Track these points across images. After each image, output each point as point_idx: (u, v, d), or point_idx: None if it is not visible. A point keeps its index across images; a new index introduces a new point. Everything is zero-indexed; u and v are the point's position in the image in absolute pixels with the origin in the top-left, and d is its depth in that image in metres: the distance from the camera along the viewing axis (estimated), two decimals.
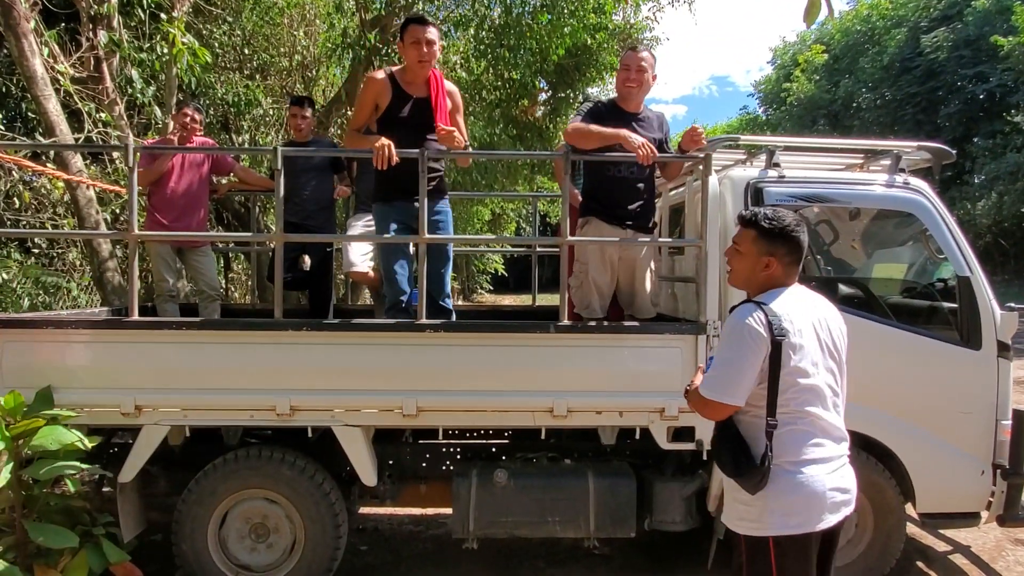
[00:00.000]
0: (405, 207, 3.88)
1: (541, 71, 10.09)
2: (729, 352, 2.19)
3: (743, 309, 2.22)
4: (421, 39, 3.71)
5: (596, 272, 3.86)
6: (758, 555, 2.21)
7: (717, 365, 2.22)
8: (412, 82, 3.84)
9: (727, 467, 2.22)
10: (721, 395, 2.18)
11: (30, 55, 5.66)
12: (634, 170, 3.80)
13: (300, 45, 10.31)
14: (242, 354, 3.53)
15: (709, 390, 2.20)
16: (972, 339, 3.71)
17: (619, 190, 3.83)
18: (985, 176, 23.95)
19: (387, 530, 4.88)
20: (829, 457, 2.21)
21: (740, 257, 2.33)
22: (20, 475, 3.21)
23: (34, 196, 7.12)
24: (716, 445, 2.28)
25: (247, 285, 9.80)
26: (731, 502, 2.32)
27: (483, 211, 18.15)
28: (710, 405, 2.22)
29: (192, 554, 3.58)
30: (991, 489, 3.75)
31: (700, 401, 2.24)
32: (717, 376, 2.20)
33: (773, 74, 38.37)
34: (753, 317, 2.16)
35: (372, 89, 3.84)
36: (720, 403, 2.18)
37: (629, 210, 3.84)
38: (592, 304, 3.90)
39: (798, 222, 2.28)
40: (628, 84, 3.83)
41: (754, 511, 2.21)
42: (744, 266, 2.33)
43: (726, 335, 2.24)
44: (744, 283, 2.37)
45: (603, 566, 4.27)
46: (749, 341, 2.14)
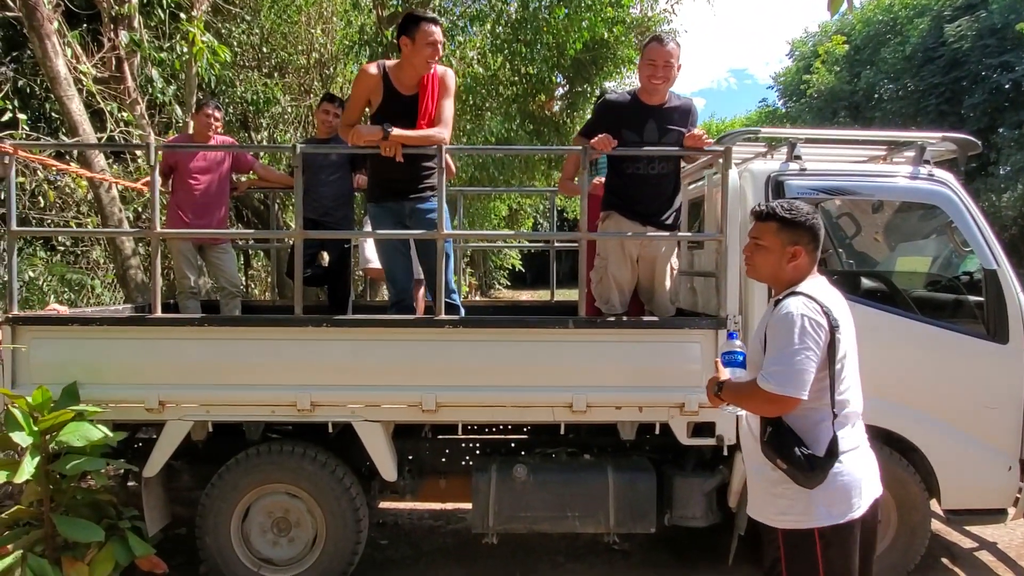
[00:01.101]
0: (396, 207, 3.89)
1: (558, 65, 10.05)
2: (793, 344, 2.13)
3: (796, 301, 2.18)
4: (436, 40, 3.64)
5: (615, 267, 3.83)
6: (802, 548, 2.21)
7: (781, 359, 2.14)
8: (407, 82, 3.74)
9: (794, 461, 2.14)
10: (791, 389, 2.11)
11: (53, 56, 5.74)
12: (654, 167, 3.74)
13: (318, 43, 10.36)
14: (263, 350, 3.56)
15: (777, 385, 2.12)
16: (999, 333, 3.65)
17: (639, 187, 3.77)
18: (1011, 167, 23.46)
19: (407, 524, 4.91)
20: (860, 444, 2.28)
21: (764, 251, 2.31)
22: (48, 470, 3.27)
23: (58, 195, 7.23)
24: (775, 441, 2.19)
25: (267, 282, 9.89)
26: (768, 497, 2.28)
27: (500, 207, 18.13)
28: (776, 400, 2.14)
29: (215, 547, 3.62)
30: (1018, 485, 3.69)
31: (761, 396, 2.16)
32: (783, 371, 2.12)
33: (792, 66, 37.88)
34: (810, 308, 2.16)
35: (366, 84, 3.76)
36: (789, 397, 2.12)
37: (649, 207, 3.79)
38: (612, 299, 3.88)
39: (814, 211, 2.31)
40: (654, 81, 3.64)
41: (799, 505, 2.20)
42: (770, 260, 2.30)
43: (784, 328, 2.15)
44: (771, 277, 2.35)
45: (623, 562, 4.26)
46: (812, 332, 2.13)
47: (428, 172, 3.88)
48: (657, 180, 3.77)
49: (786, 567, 2.24)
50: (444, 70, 3.84)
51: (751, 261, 2.38)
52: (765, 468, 2.27)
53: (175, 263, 4.96)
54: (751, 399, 2.23)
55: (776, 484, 2.24)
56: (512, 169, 10.62)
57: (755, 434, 2.31)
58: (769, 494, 2.28)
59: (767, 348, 2.21)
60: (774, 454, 2.18)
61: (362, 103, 3.83)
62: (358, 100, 3.83)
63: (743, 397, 2.26)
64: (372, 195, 4.03)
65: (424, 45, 3.63)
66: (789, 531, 2.23)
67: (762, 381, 2.15)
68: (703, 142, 3.60)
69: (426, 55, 3.66)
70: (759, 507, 2.33)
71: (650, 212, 3.79)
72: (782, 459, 2.17)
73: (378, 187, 3.96)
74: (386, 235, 3.98)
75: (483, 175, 9.92)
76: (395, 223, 3.93)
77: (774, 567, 2.28)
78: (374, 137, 3.56)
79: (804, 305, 2.16)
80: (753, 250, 2.36)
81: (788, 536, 2.23)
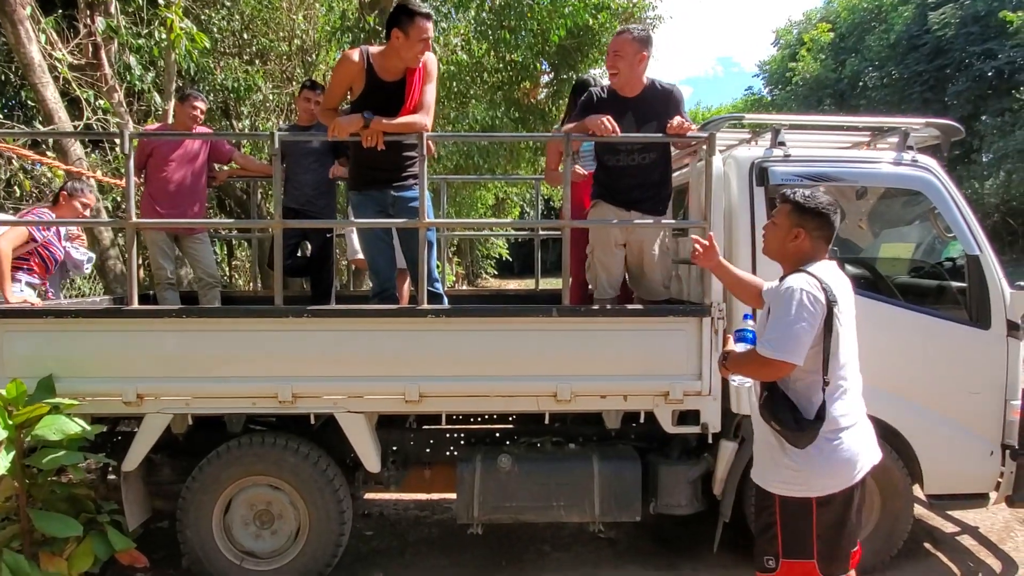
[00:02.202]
0: (379, 196, 3.85)
1: (543, 53, 9.98)
2: (791, 315, 2.32)
3: (798, 277, 2.39)
4: (429, 37, 3.60)
5: (602, 254, 3.86)
6: (798, 515, 2.38)
7: (778, 327, 2.33)
8: (390, 69, 3.67)
9: (786, 422, 2.34)
10: (785, 354, 2.30)
11: (27, 42, 5.62)
12: (635, 157, 3.74)
13: (299, 29, 10.21)
14: (243, 341, 3.51)
15: (773, 350, 2.31)
16: (981, 318, 3.66)
17: (622, 177, 3.78)
18: (993, 154, 23.70)
19: (392, 515, 4.89)
20: (859, 420, 2.46)
21: (774, 229, 2.55)
22: (23, 464, 3.21)
23: (34, 184, 7.10)
24: (770, 404, 2.40)
25: (250, 272, 9.79)
26: (771, 464, 2.45)
27: (486, 195, 18.06)
28: (771, 364, 2.32)
29: (197, 541, 3.58)
30: (1000, 470, 3.72)
31: (758, 361, 2.35)
32: (779, 337, 2.32)
33: (778, 54, 37.94)
34: (810, 283, 2.35)
35: (348, 71, 3.69)
36: (783, 361, 2.30)
37: (634, 195, 3.79)
38: (602, 284, 3.90)
39: (831, 203, 2.50)
40: (611, 70, 3.73)
41: (801, 476, 2.37)
42: (776, 236, 2.54)
43: (785, 300, 2.34)
44: (776, 252, 2.57)
45: (608, 550, 4.27)
46: (809, 305, 2.32)
47: (411, 160, 3.84)
48: (641, 170, 3.76)
49: (781, 531, 2.41)
50: (427, 55, 3.77)
51: (764, 237, 2.63)
52: (769, 435, 2.45)
53: (151, 254, 4.88)
54: (750, 364, 2.43)
55: (781, 454, 2.41)
56: (497, 157, 10.56)
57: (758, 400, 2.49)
58: (773, 461, 2.45)
59: (769, 319, 2.42)
60: (769, 416, 2.39)
61: (343, 89, 3.78)
62: (339, 86, 3.77)
63: (743, 364, 2.46)
64: (354, 183, 3.98)
65: (417, 40, 3.57)
66: (786, 498, 2.40)
67: (760, 347, 2.36)
68: (685, 129, 3.55)
69: (418, 51, 3.60)
70: (761, 472, 2.51)
71: (635, 199, 3.78)
72: (776, 421, 2.37)
73: (360, 175, 3.91)
74: (367, 224, 3.94)
75: (468, 163, 9.86)
76: (378, 212, 3.88)
77: (767, 530, 2.45)
78: (355, 127, 3.51)
79: (805, 281, 2.36)
80: (768, 228, 2.60)
81: (785, 503, 2.41)
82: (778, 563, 2.41)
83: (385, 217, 3.87)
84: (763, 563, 2.46)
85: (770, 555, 2.43)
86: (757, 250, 3.59)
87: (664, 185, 3.89)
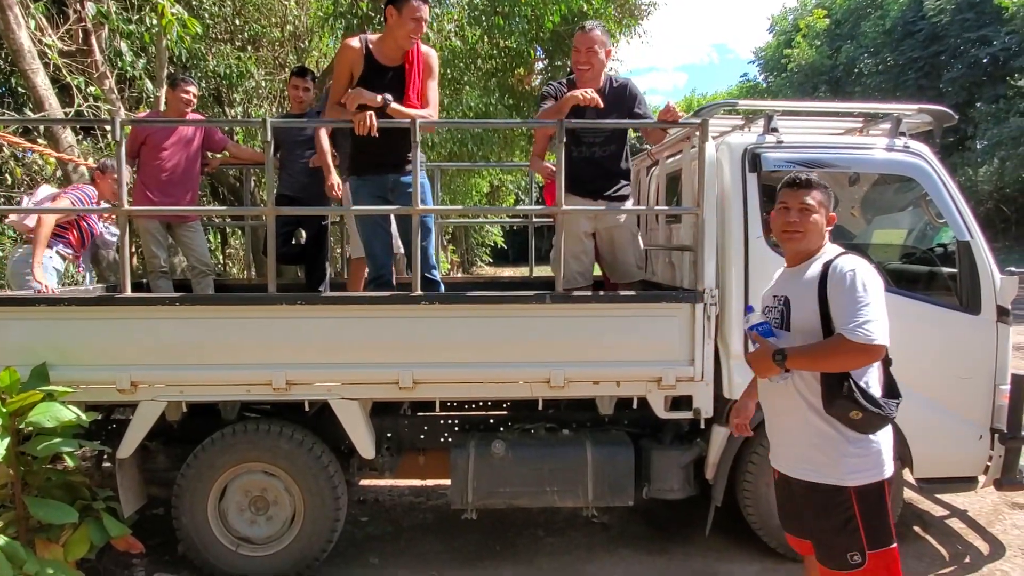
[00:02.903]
0: (379, 180, 3.86)
1: (537, 39, 9.92)
2: (871, 296, 2.23)
3: (853, 260, 2.31)
4: (422, 17, 3.63)
5: (572, 244, 3.95)
6: (874, 501, 2.31)
7: (865, 310, 2.20)
8: (389, 54, 3.75)
9: (867, 409, 2.23)
10: (883, 338, 2.20)
11: (16, 28, 5.57)
12: (596, 151, 3.94)
13: (292, 15, 10.13)
14: (236, 329, 3.51)
15: (869, 336, 2.17)
16: (972, 304, 3.69)
17: (586, 168, 3.94)
18: (987, 141, 23.74)
19: (387, 501, 4.92)
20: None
21: (816, 215, 2.40)
22: (18, 451, 3.21)
23: (26, 172, 7.06)
24: (849, 395, 2.24)
25: (244, 260, 9.76)
26: (838, 459, 2.30)
27: (481, 183, 18.03)
28: (871, 350, 2.20)
29: (192, 527, 3.60)
30: (988, 453, 3.76)
31: (854, 348, 2.19)
32: (873, 320, 2.20)
33: (774, 40, 37.83)
34: (868, 264, 2.31)
35: (347, 58, 3.77)
36: (881, 346, 2.20)
37: (599, 184, 3.97)
38: (572, 274, 3.96)
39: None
40: (580, 67, 3.83)
41: (871, 459, 2.30)
42: (820, 224, 2.41)
43: (858, 283, 2.24)
44: (819, 240, 2.44)
45: (601, 534, 4.31)
46: (879, 284, 2.28)
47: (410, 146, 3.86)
48: (603, 160, 3.95)
49: (863, 522, 2.29)
50: (428, 50, 3.87)
51: (803, 227, 2.40)
52: (827, 430, 2.31)
53: (143, 242, 4.86)
54: (834, 356, 2.25)
55: (845, 444, 2.30)
56: (491, 144, 10.52)
57: (811, 399, 2.34)
58: (838, 454, 2.31)
59: (838, 305, 2.25)
60: (851, 406, 2.24)
61: (346, 77, 3.80)
62: (342, 75, 3.80)
63: (820, 357, 2.27)
64: (354, 168, 3.98)
65: (409, 19, 3.62)
66: (863, 487, 2.29)
67: (850, 335, 2.19)
68: (676, 115, 3.60)
69: (409, 29, 3.64)
70: (824, 471, 2.33)
71: (599, 188, 3.96)
72: (858, 409, 2.24)
73: (361, 160, 3.91)
74: (360, 211, 3.93)
75: (462, 150, 9.83)
76: (376, 197, 3.89)
77: (845, 526, 2.30)
78: (371, 102, 3.56)
79: (862, 262, 2.30)
80: (805, 217, 2.39)
81: (863, 493, 2.29)
82: (864, 557, 2.30)
83: (383, 203, 3.88)
84: (845, 560, 2.32)
85: (854, 551, 2.30)
86: (750, 236, 3.61)
87: (625, 175, 4.09)
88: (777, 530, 3.70)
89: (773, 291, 2.55)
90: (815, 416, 2.34)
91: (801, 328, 2.36)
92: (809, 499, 2.39)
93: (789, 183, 2.45)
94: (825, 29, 32.29)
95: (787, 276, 2.52)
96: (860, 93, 27.61)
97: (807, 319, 2.34)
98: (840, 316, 2.24)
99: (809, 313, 2.34)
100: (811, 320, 2.33)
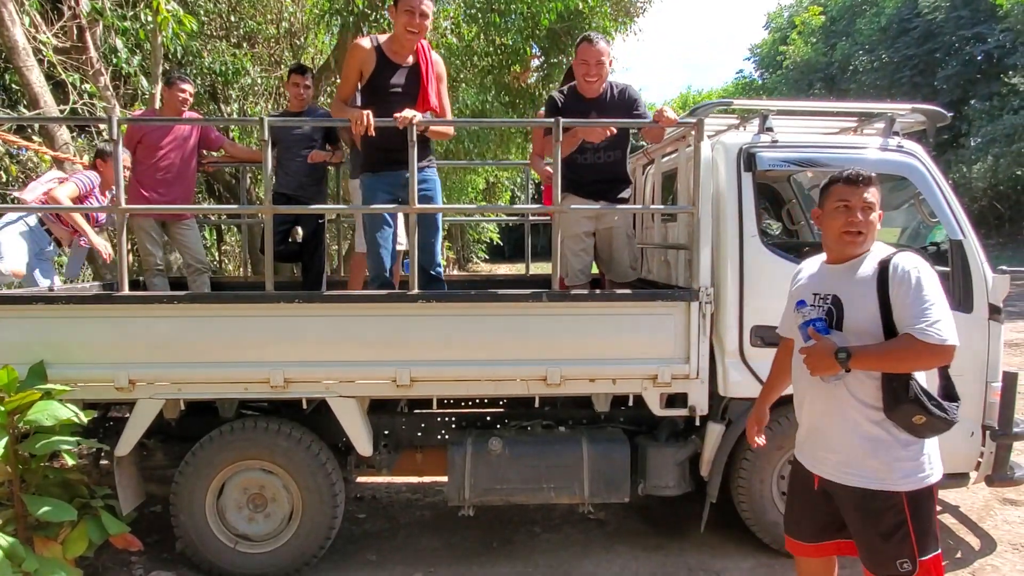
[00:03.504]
0: (393, 177, 3.86)
1: (533, 36, 9.90)
2: (937, 296, 2.16)
3: (913, 258, 2.22)
4: (415, 8, 3.64)
5: (573, 243, 4.04)
6: (925, 505, 2.24)
7: (935, 311, 2.13)
8: (399, 52, 3.78)
9: (932, 412, 2.15)
10: (954, 338, 2.12)
11: (10, 24, 5.54)
12: (600, 155, 4.00)
13: (287, 12, 10.09)
14: (233, 327, 3.52)
15: (943, 336, 2.10)
16: (964, 302, 3.71)
17: (589, 172, 4.02)
18: (981, 138, 23.82)
19: (385, 498, 4.94)
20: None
21: (875, 215, 2.30)
22: (16, 450, 3.22)
23: (21, 169, 7.04)
24: (916, 399, 2.16)
25: (240, 257, 9.76)
26: (893, 464, 2.22)
27: (477, 180, 18.01)
28: (943, 351, 2.12)
29: (191, 524, 3.61)
30: (980, 450, 3.79)
31: (926, 350, 2.11)
32: (942, 320, 2.12)
33: (769, 37, 37.88)
34: (925, 260, 2.24)
35: (357, 57, 3.79)
36: (953, 346, 2.12)
37: (600, 187, 4.04)
38: (574, 272, 4.06)
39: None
40: (589, 79, 3.89)
41: (922, 463, 2.23)
42: (877, 223, 2.31)
43: (923, 283, 2.16)
44: (873, 240, 2.33)
45: (598, 531, 4.33)
46: (939, 282, 2.20)
47: (425, 144, 3.94)
48: (606, 166, 4.01)
49: (914, 528, 2.22)
50: (438, 57, 3.95)
51: (866, 227, 2.27)
52: (880, 436, 2.23)
53: (138, 240, 4.87)
54: (905, 356, 2.16)
55: (898, 448, 2.22)
56: (487, 142, 10.52)
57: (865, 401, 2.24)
58: (892, 459, 2.22)
59: (904, 306, 2.17)
60: (916, 410, 2.16)
61: (355, 78, 3.84)
62: (351, 74, 3.84)
63: (890, 357, 2.18)
64: (369, 165, 3.96)
65: (402, 12, 3.66)
66: (915, 492, 2.22)
67: (921, 335, 2.11)
68: (672, 120, 3.63)
69: (403, 22, 3.67)
70: (878, 476, 2.23)
71: (600, 191, 4.03)
72: (924, 413, 2.16)
73: (376, 158, 3.89)
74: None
75: (458, 147, 9.82)
76: (389, 193, 3.89)
77: (895, 532, 2.23)
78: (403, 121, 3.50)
79: (921, 260, 2.22)
80: (867, 216, 2.27)
81: (915, 498, 2.22)
82: (915, 565, 2.22)
83: (395, 200, 3.88)
84: (895, 568, 2.23)
85: (904, 558, 2.22)
86: (745, 235, 3.64)
87: (627, 180, 4.19)
88: (771, 526, 3.75)
89: (812, 288, 2.39)
90: (865, 419, 2.24)
91: (856, 329, 2.24)
92: (859, 506, 2.28)
93: (849, 179, 2.29)
94: (821, 26, 32.35)
95: (830, 273, 2.37)
96: (855, 90, 27.68)
97: (865, 319, 2.23)
98: (907, 316, 2.15)
99: (868, 314, 2.22)
100: (870, 320, 2.22)
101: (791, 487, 2.57)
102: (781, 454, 3.71)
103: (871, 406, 2.24)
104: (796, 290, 2.49)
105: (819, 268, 2.44)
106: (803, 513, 2.49)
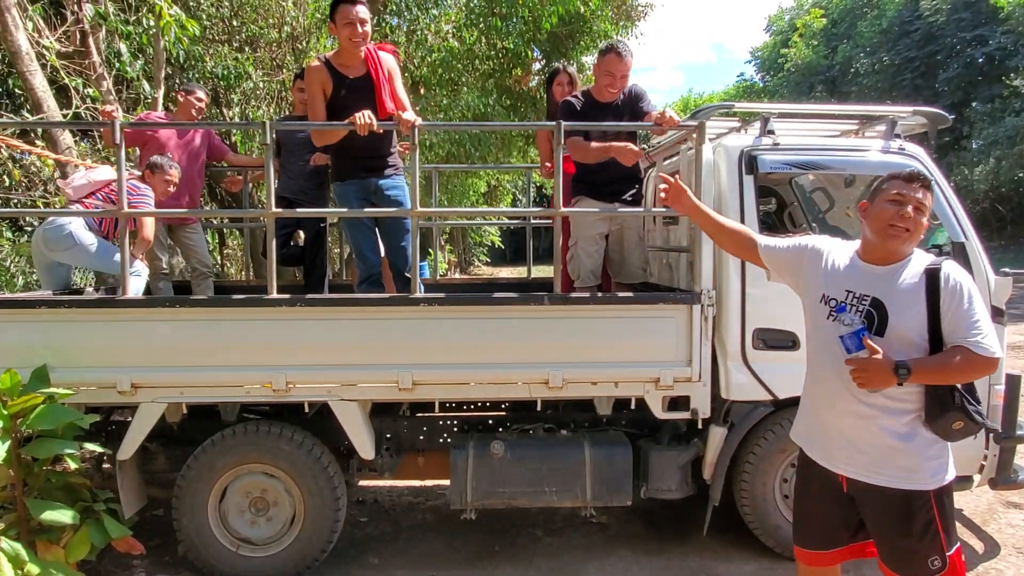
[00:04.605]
0: (363, 183, 3.96)
1: (534, 40, 9.95)
2: (986, 309, 2.19)
3: (956, 266, 2.23)
4: (354, 19, 3.70)
5: (587, 244, 4.05)
6: (948, 501, 2.26)
7: (985, 324, 2.15)
8: (348, 64, 3.83)
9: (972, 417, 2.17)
10: (1000, 350, 2.15)
11: (14, 29, 5.57)
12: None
13: (289, 16, 10.12)
14: (236, 331, 3.53)
15: (994, 350, 2.13)
16: None
17: (604, 173, 4.03)
18: (983, 141, 23.82)
19: (387, 502, 4.93)
20: None
21: (925, 220, 2.27)
22: (19, 453, 3.23)
23: (24, 174, 7.06)
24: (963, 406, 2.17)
25: (243, 261, 9.77)
26: (923, 464, 2.22)
27: (479, 183, 18.05)
28: (994, 364, 2.14)
29: (193, 528, 3.61)
30: (984, 453, 3.78)
31: (982, 363, 2.13)
32: (992, 334, 2.15)
33: (770, 40, 37.91)
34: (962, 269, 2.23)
35: (316, 79, 3.84)
36: (1001, 359, 2.16)
37: (615, 188, 4.08)
38: (586, 273, 4.07)
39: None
40: (612, 90, 3.96)
41: (945, 460, 2.26)
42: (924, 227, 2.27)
43: (972, 295, 2.17)
44: (916, 244, 2.30)
45: (600, 534, 4.33)
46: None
47: (391, 150, 4.05)
48: (619, 166, 3.97)
49: (942, 525, 2.23)
50: (385, 55, 3.96)
51: (914, 226, 2.22)
52: (907, 436, 2.22)
53: None
54: (961, 370, 2.15)
55: (924, 447, 2.22)
56: (489, 145, 10.54)
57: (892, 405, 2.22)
58: (923, 459, 2.22)
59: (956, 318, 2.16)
60: (959, 416, 2.18)
61: (321, 97, 3.88)
62: (315, 96, 3.88)
63: (950, 371, 2.16)
64: (337, 174, 4.09)
65: (343, 26, 3.73)
66: (939, 489, 2.24)
67: (976, 348, 2.12)
68: (673, 121, 3.64)
69: (346, 35, 3.74)
70: (911, 478, 2.22)
71: (615, 192, 4.07)
72: (966, 419, 2.18)
73: (343, 165, 4.01)
74: (354, 214, 3.96)
75: (459, 151, 9.84)
76: (362, 200, 3.98)
77: (927, 529, 2.22)
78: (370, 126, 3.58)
79: (964, 271, 2.22)
80: (918, 216, 2.23)
81: (940, 495, 2.24)
82: (945, 561, 2.21)
83: (369, 205, 3.97)
84: (927, 567, 2.22)
85: (934, 555, 2.21)
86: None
87: (639, 180, 4.27)
88: (774, 529, 3.75)
89: (846, 286, 2.30)
90: (891, 421, 2.22)
91: (900, 335, 2.20)
92: (889, 507, 2.25)
93: (908, 177, 2.26)
94: (822, 29, 32.37)
95: (869, 273, 2.29)
96: (856, 93, 27.70)
97: (912, 328, 2.19)
98: (958, 329, 2.15)
99: (915, 322, 2.19)
100: (916, 329, 2.19)
101: (803, 494, 2.50)
102: (784, 457, 3.71)
103: (904, 410, 2.23)
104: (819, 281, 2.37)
105: (852, 261, 2.35)
106: (818, 519, 2.43)
